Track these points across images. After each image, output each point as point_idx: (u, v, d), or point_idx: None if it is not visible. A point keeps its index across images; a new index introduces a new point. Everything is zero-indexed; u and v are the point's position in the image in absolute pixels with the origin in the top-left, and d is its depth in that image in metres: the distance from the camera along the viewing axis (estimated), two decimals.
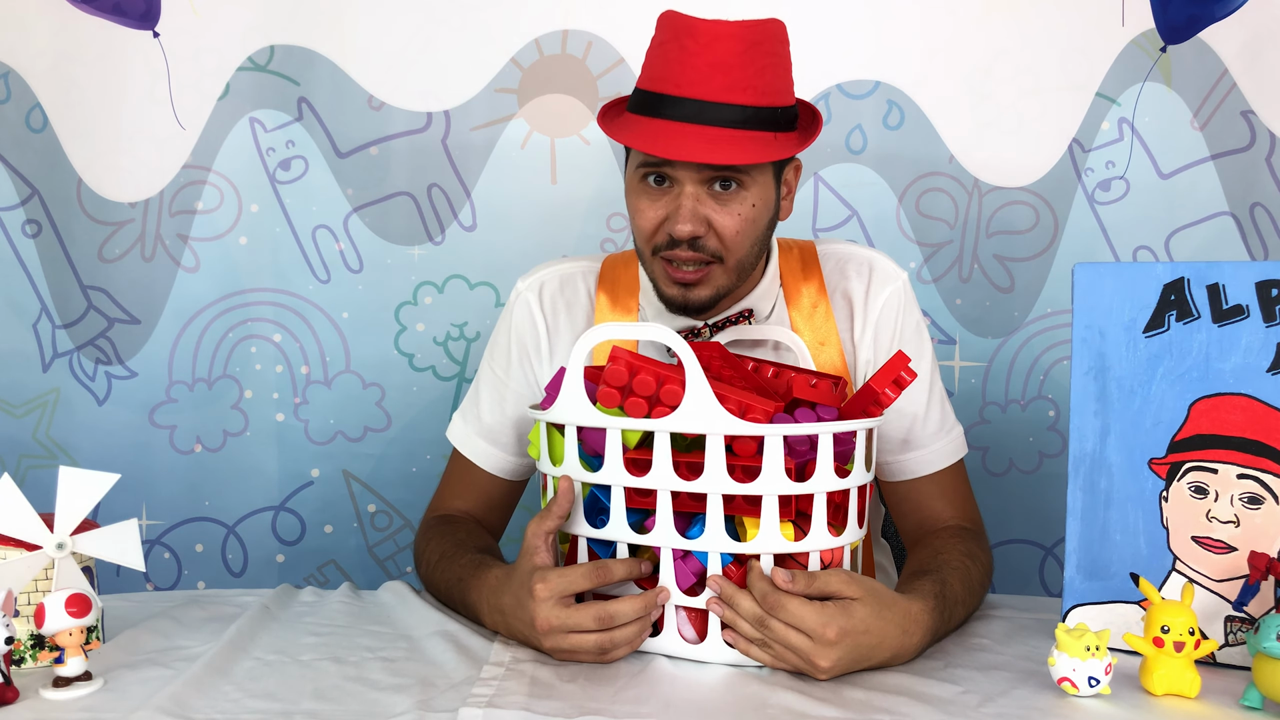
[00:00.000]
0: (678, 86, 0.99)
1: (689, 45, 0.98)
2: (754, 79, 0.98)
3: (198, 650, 0.94)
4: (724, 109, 0.97)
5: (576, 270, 1.19)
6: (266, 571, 1.65)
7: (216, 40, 1.58)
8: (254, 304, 1.62)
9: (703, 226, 1.01)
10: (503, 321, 1.21)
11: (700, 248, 1.02)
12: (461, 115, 1.60)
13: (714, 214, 1.01)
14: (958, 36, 1.58)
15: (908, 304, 1.14)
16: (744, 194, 1.02)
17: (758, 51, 0.98)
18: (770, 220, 1.08)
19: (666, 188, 1.03)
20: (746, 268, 1.07)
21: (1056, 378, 1.61)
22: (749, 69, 0.98)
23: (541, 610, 0.88)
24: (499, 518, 1.22)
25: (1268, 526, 0.88)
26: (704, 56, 0.97)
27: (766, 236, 1.08)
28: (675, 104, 0.99)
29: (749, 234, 1.04)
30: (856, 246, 1.17)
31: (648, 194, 1.04)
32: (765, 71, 0.99)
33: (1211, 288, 0.90)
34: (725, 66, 0.97)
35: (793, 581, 0.85)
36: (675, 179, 1.01)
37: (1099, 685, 0.81)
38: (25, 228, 1.61)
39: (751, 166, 1.00)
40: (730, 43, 0.97)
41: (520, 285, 1.19)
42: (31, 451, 1.62)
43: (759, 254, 1.08)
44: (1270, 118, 1.56)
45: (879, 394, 0.93)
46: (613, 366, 0.89)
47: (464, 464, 1.20)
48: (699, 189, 1.01)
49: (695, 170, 1.00)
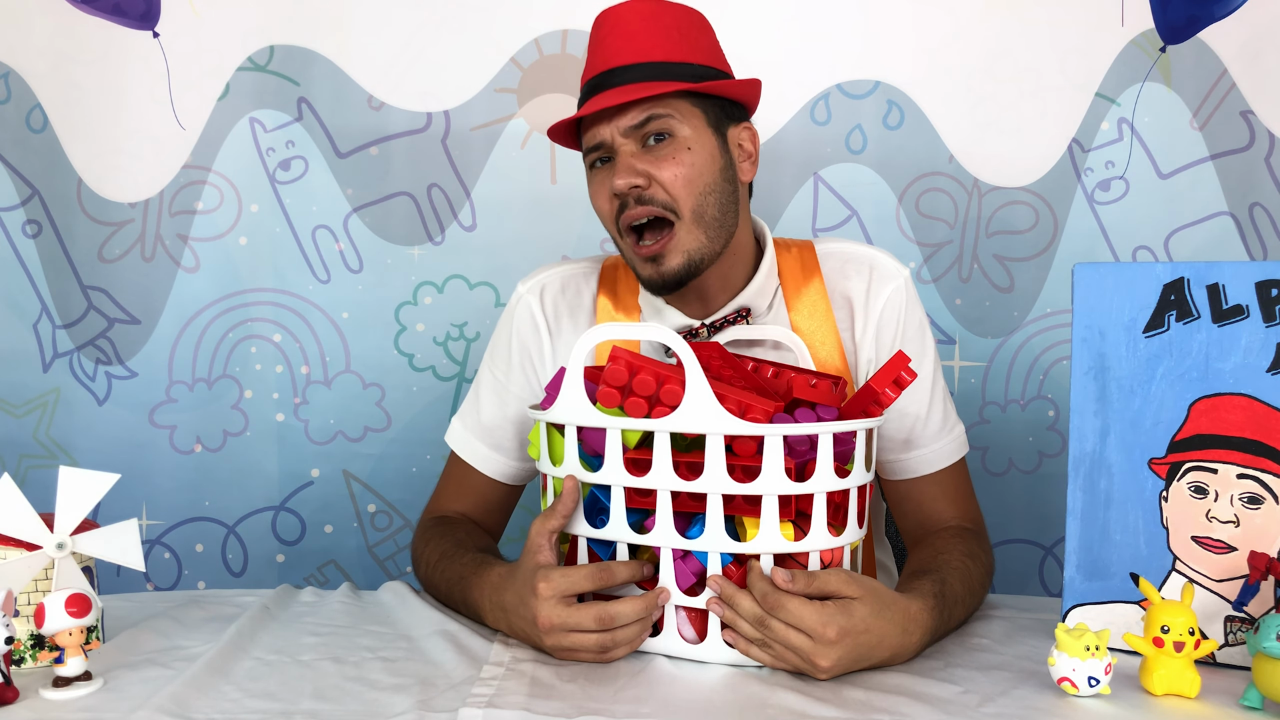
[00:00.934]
0: (596, 67, 1.07)
1: (601, 30, 1.08)
2: (662, 41, 1.05)
3: (198, 650, 0.94)
4: (635, 69, 1.04)
5: (577, 272, 1.19)
6: (266, 571, 1.65)
7: (216, 40, 1.58)
8: (254, 304, 1.62)
9: (641, 178, 1.03)
10: (503, 324, 1.20)
11: (648, 200, 1.03)
12: (461, 115, 1.60)
13: (650, 166, 1.03)
14: (958, 36, 1.58)
15: (910, 302, 1.14)
16: (675, 142, 1.04)
17: (663, 18, 1.06)
18: (724, 174, 1.07)
19: (610, 165, 1.07)
20: (710, 223, 1.05)
21: (1056, 378, 1.61)
22: (655, 34, 1.05)
23: (544, 609, 0.88)
24: (497, 520, 1.22)
25: (1268, 526, 0.88)
26: (613, 34, 1.06)
27: (725, 192, 1.07)
28: (598, 81, 1.06)
29: (694, 182, 1.04)
30: (857, 245, 1.17)
31: (597, 178, 1.08)
32: (672, 34, 1.06)
33: (1211, 288, 0.90)
34: (630, 35, 1.05)
35: (792, 581, 0.85)
36: (611, 149, 1.05)
37: (1099, 685, 0.81)
38: (25, 228, 1.61)
39: (678, 118, 1.04)
40: (634, 16, 1.06)
41: (521, 288, 1.19)
42: (31, 451, 1.63)
43: (722, 212, 1.06)
44: (1270, 118, 1.56)
45: (879, 394, 0.93)
46: (613, 366, 0.89)
47: (462, 467, 1.19)
48: (632, 146, 1.04)
49: (622, 132, 1.04)
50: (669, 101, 1.03)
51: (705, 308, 1.12)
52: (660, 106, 1.03)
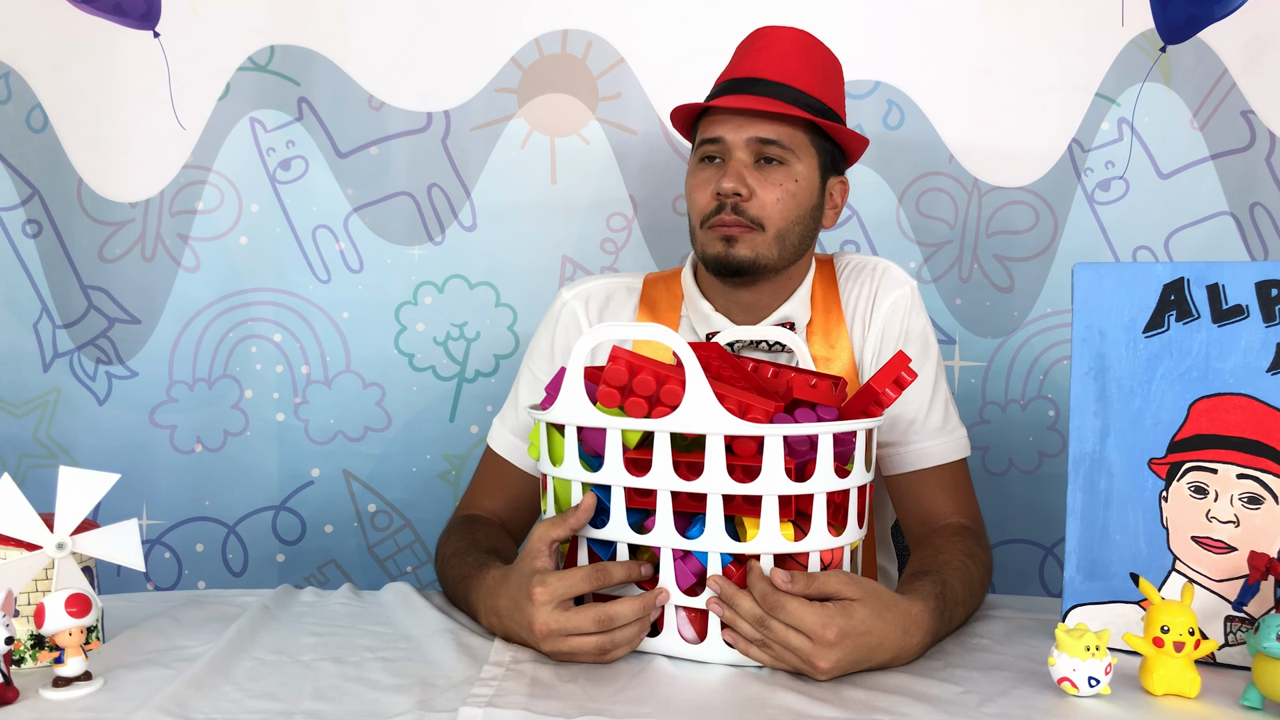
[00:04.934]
0: (740, 70, 1.15)
1: (755, 42, 1.16)
2: (808, 73, 1.13)
3: (198, 650, 0.94)
4: (778, 86, 1.12)
5: (620, 286, 1.24)
6: (267, 571, 1.65)
7: (216, 40, 1.58)
8: (254, 304, 1.62)
9: (745, 188, 1.10)
10: (545, 326, 1.24)
11: (742, 212, 1.11)
12: (461, 115, 1.60)
13: (757, 183, 1.11)
14: (958, 36, 1.58)
15: (913, 309, 1.18)
16: (787, 170, 1.12)
17: (815, 54, 1.15)
18: (813, 212, 1.16)
19: (719, 165, 1.13)
20: (788, 247, 1.13)
21: (1056, 378, 1.61)
22: (804, 63, 1.14)
23: (540, 614, 0.88)
24: (525, 518, 1.23)
25: (1268, 526, 0.88)
26: (767, 49, 1.14)
27: (809, 225, 1.16)
28: (737, 84, 1.13)
29: (790, 207, 1.12)
30: (870, 256, 1.23)
31: (703, 172, 1.15)
32: (817, 71, 1.14)
33: (1211, 288, 0.90)
34: (783, 55, 1.13)
35: (792, 582, 0.85)
36: (726, 152, 1.12)
37: (1099, 685, 0.81)
38: (25, 228, 1.61)
39: (795, 151, 1.12)
40: (790, 41, 1.15)
41: (566, 294, 1.23)
42: (32, 451, 1.63)
43: (800, 240, 1.15)
44: (1270, 117, 1.56)
45: (879, 394, 0.93)
46: (613, 366, 0.89)
47: (496, 462, 1.22)
48: (746, 157, 1.12)
49: (744, 139, 1.11)
50: (792, 132, 1.11)
51: (751, 318, 1.18)
52: (785, 134, 1.11)
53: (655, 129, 1.60)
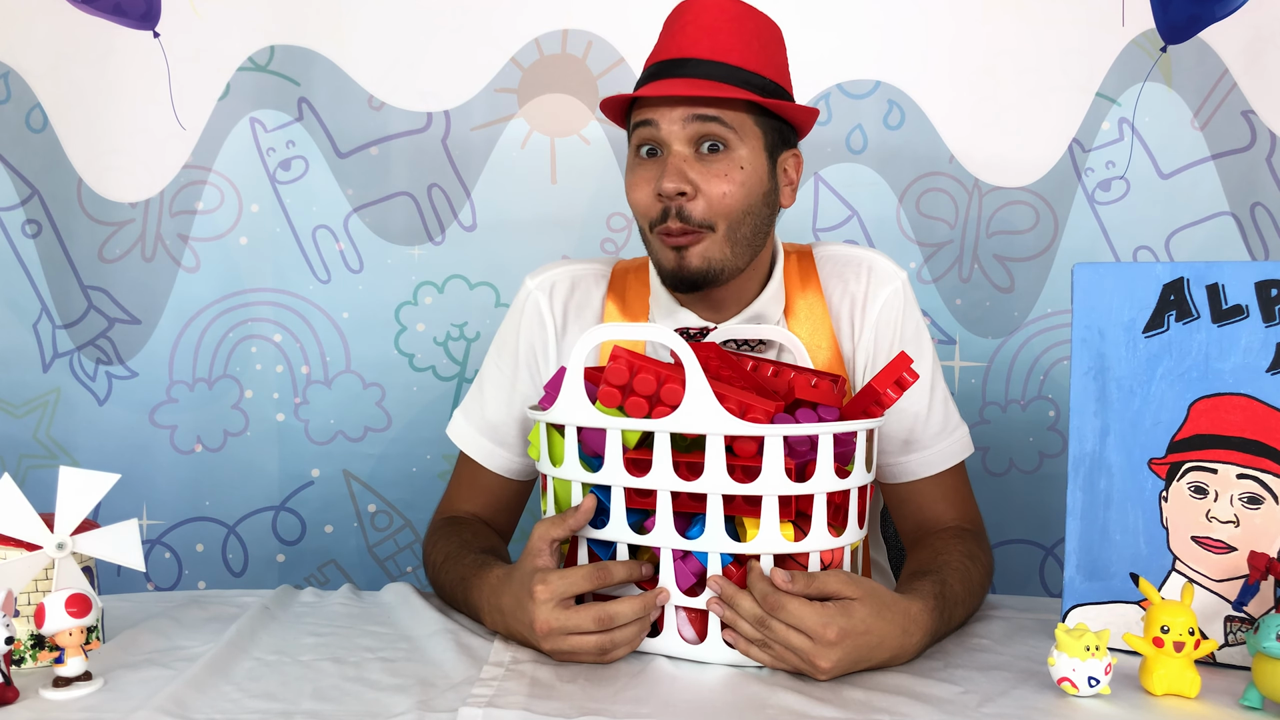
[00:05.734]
0: (668, 52, 1.04)
1: (682, 17, 1.05)
2: (741, 46, 1.03)
3: (198, 650, 0.94)
4: (709, 65, 1.02)
5: (587, 273, 1.18)
6: (267, 571, 1.65)
7: (216, 40, 1.58)
8: (254, 304, 1.62)
9: (688, 185, 1.01)
10: (510, 319, 1.19)
11: (687, 217, 1.01)
12: (461, 115, 1.60)
13: (700, 178, 1.01)
14: (959, 36, 1.58)
15: (907, 304, 1.13)
16: (731, 156, 1.02)
17: (746, 23, 1.04)
18: (765, 198, 1.06)
19: (658, 159, 1.04)
20: (741, 241, 1.04)
21: (1056, 378, 1.61)
22: (736, 36, 1.03)
23: (541, 612, 0.88)
24: (507, 519, 1.22)
25: (1267, 526, 0.88)
26: (693, 24, 1.04)
27: (763, 215, 1.06)
28: (666, 66, 1.04)
29: (739, 199, 1.02)
30: (854, 248, 1.16)
31: (641, 167, 1.05)
32: (752, 42, 1.04)
33: (1211, 288, 0.90)
34: (713, 30, 1.03)
35: (792, 582, 0.85)
36: (664, 144, 1.03)
37: (1099, 685, 0.81)
38: (25, 228, 1.61)
39: (738, 132, 1.02)
40: (718, 12, 1.04)
41: (530, 283, 1.17)
42: (32, 451, 1.63)
43: (755, 233, 1.06)
44: (1271, 118, 1.56)
45: (881, 394, 0.93)
46: (614, 365, 0.89)
47: (471, 466, 1.19)
48: (686, 149, 1.02)
49: (681, 127, 1.01)
50: (733, 113, 1.01)
51: (718, 315, 1.12)
52: (726, 115, 1.01)
53: None
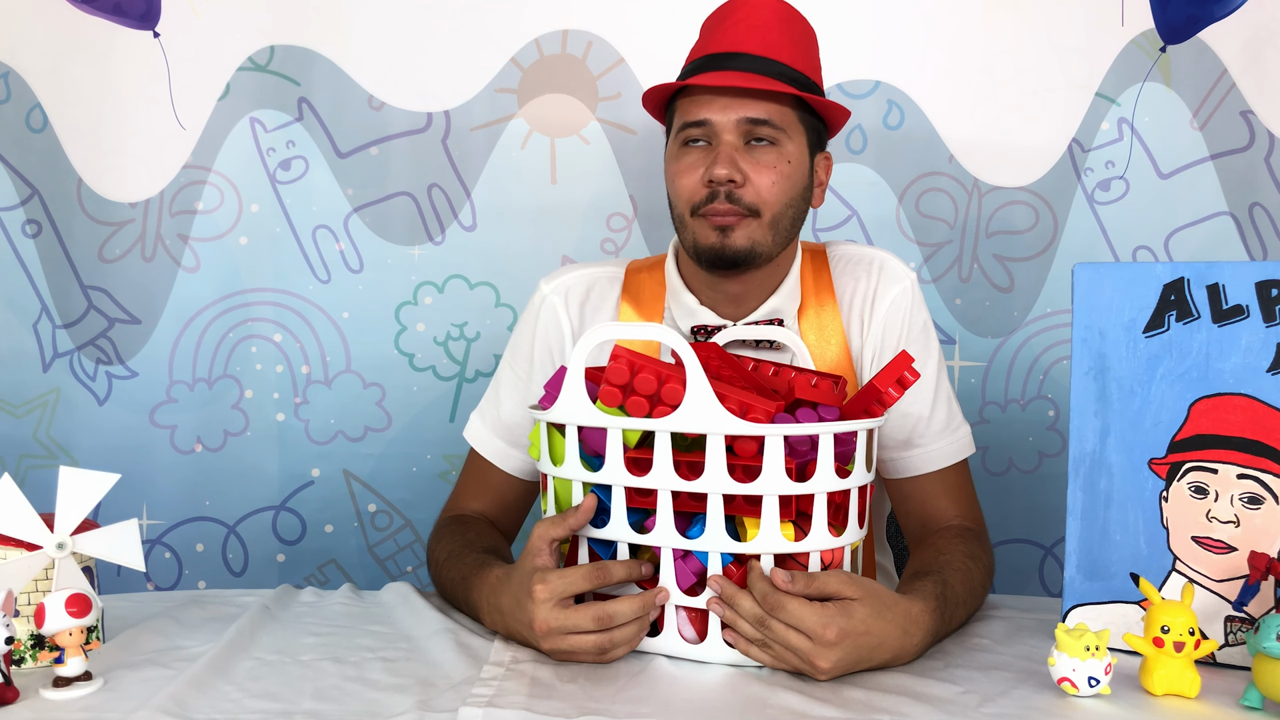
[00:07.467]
0: (720, 45, 1.07)
1: (733, 15, 1.08)
2: (788, 45, 1.07)
3: (198, 650, 0.94)
4: (761, 60, 1.05)
5: (602, 276, 1.19)
6: (267, 571, 1.65)
7: (216, 40, 1.58)
8: (254, 304, 1.62)
9: (739, 174, 1.04)
10: (525, 322, 1.19)
11: (736, 200, 1.04)
12: (461, 115, 1.60)
13: (750, 168, 1.05)
14: (958, 36, 1.58)
15: (915, 304, 1.14)
16: (779, 151, 1.06)
17: (794, 25, 1.09)
18: (804, 193, 1.10)
19: (705, 148, 1.07)
20: (782, 232, 1.08)
21: (1056, 378, 1.61)
22: (785, 35, 1.07)
23: (540, 612, 0.88)
24: (513, 519, 1.22)
25: (1268, 526, 0.88)
26: (745, 22, 1.07)
27: (800, 210, 1.10)
28: (717, 59, 1.06)
29: (784, 191, 1.06)
30: (867, 247, 1.18)
31: (687, 156, 1.07)
32: (798, 43, 1.08)
33: (1211, 288, 0.90)
34: (764, 28, 1.06)
35: (793, 582, 0.85)
36: (714, 135, 1.06)
37: (1099, 685, 0.81)
38: (25, 228, 1.61)
39: (787, 131, 1.06)
40: (767, 12, 1.07)
41: (545, 287, 1.18)
42: (32, 451, 1.63)
43: (792, 223, 1.10)
44: (1270, 118, 1.56)
45: (882, 393, 0.93)
46: (614, 365, 0.89)
47: (481, 464, 1.19)
48: (736, 139, 1.05)
49: (732, 119, 1.04)
50: (782, 109, 1.05)
51: (738, 310, 1.13)
52: (775, 110, 1.05)
53: (655, 129, 1.59)
